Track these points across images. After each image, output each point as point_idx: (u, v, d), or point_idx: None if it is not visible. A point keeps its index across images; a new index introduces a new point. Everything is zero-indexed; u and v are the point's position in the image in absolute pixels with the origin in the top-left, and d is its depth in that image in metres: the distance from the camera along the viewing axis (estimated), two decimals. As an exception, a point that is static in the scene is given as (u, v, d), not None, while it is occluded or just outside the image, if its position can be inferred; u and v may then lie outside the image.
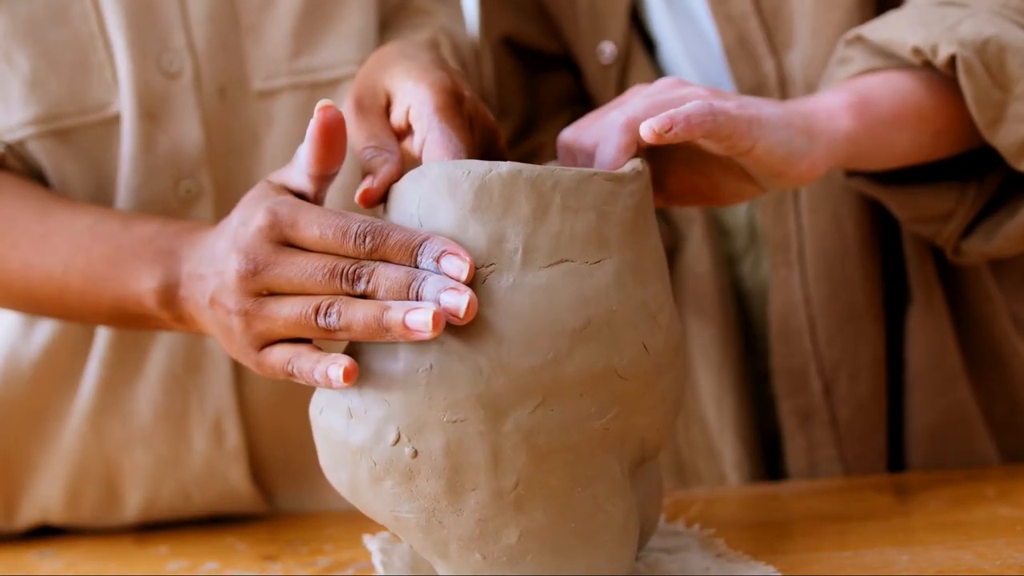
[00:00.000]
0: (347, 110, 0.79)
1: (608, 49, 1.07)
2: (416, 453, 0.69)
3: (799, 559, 0.81)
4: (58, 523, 1.00)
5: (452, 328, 0.68)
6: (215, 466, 0.98)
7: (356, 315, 0.68)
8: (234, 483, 0.99)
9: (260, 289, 0.71)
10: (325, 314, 0.69)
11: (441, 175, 0.70)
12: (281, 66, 0.94)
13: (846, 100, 0.85)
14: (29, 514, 0.99)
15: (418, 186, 0.71)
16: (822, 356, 1.03)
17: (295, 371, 0.71)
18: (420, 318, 0.66)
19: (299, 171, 0.75)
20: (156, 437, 0.96)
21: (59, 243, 0.85)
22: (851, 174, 0.96)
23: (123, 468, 0.97)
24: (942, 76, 0.88)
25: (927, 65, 0.87)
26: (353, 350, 0.72)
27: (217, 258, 0.74)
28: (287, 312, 0.70)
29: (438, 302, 0.67)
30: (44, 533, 1.01)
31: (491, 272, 0.69)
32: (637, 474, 0.76)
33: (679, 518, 0.90)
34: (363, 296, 0.69)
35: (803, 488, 0.99)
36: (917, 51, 0.86)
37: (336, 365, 0.69)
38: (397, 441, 0.69)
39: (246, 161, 0.94)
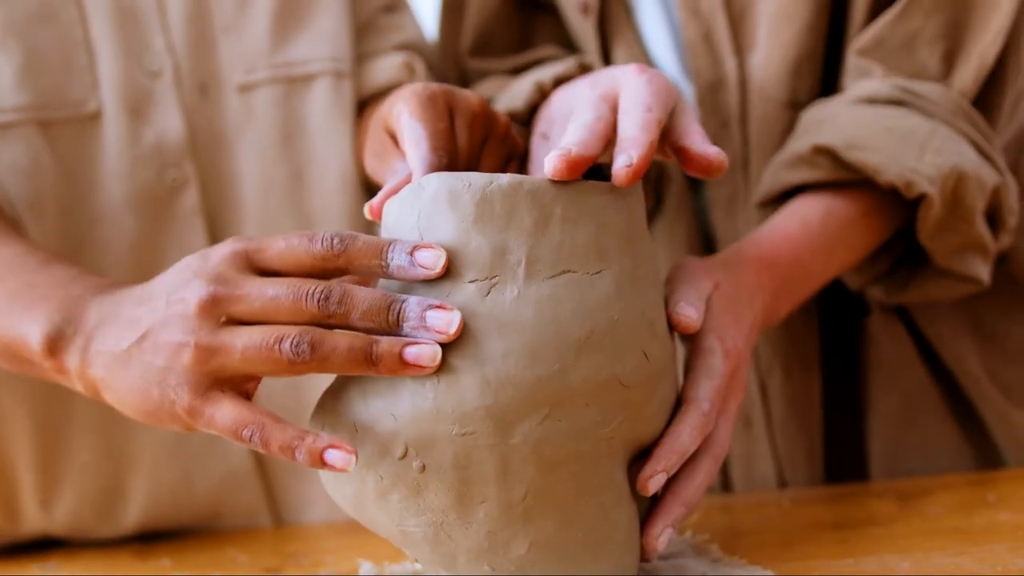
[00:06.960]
0: (367, 160, 0.88)
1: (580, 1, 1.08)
2: (424, 467, 0.69)
3: (798, 567, 0.80)
4: (61, 532, 1.01)
5: (457, 340, 0.68)
6: (215, 444, 0.99)
7: (338, 345, 0.65)
8: (235, 462, 1.00)
9: (220, 314, 0.68)
10: (294, 344, 0.65)
11: (441, 187, 0.70)
12: (260, 61, 1.00)
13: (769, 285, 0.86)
14: (34, 518, 1.00)
15: (417, 199, 0.71)
16: (758, 354, 1.04)
17: (256, 441, 0.66)
18: (426, 352, 0.66)
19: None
20: None
21: None
22: None
23: (126, 450, 0.98)
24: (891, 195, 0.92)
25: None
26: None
27: (161, 294, 0.70)
28: (245, 342, 0.66)
29: (423, 320, 0.66)
30: (47, 547, 1.01)
31: (495, 284, 0.69)
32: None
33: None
34: (332, 325, 0.67)
35: (802, 495, 1.00)
36: (889, 184, 0.89)
37: (339, 450, 0.66)
38: (404, 455, 0.69)
39: (229, 151, 1.00)
